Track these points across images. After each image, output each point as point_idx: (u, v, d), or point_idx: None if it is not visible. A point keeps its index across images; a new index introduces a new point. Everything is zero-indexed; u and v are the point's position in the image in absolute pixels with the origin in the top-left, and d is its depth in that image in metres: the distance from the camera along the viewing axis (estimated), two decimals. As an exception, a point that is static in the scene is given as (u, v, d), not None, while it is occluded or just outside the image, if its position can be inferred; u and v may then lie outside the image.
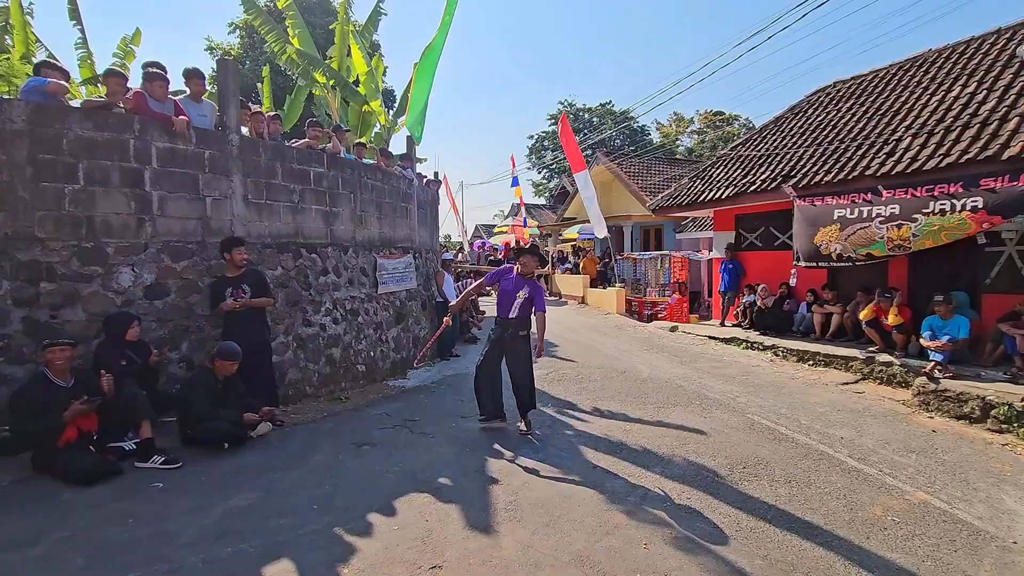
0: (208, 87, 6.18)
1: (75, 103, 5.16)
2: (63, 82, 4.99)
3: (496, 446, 4.73)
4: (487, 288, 5.46)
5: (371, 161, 8.32)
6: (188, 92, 5.66)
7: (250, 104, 7.01)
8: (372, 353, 7.12)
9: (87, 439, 4.07)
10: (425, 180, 10.20)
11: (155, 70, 5.28)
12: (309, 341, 6.19)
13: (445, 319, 5.50)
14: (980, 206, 5.65)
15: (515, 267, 5.07)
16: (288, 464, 4.24)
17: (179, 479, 3.92)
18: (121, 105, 5.08)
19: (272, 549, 3.00)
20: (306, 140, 6.84)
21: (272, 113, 6.95)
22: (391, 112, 12.77)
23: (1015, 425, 5.14)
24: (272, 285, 5.88)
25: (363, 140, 10.86)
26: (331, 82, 10.55)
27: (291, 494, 3.70)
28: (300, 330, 6.11)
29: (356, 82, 11.06)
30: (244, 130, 6.04)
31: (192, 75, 5.61)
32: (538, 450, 4.66)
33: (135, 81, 5.96)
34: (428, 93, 8.46)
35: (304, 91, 11.69)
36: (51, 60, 5.08)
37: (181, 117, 5.24)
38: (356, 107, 11.35)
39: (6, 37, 8.77)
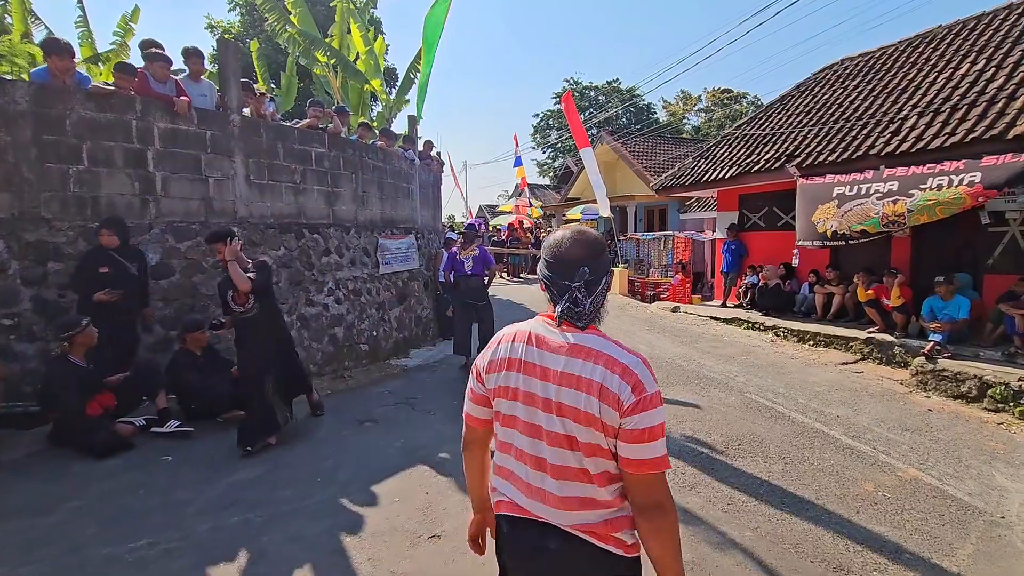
0: (209, 67, 6.16)
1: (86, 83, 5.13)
2: (69, 62, 4.97)
3: (496, 423, 4.82)
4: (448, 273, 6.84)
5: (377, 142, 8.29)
6: (187, 72, 5.65)
7: (254, 87, 6.99)
8: (375, 333, 7.21)
9: (108, 415, 4.20)
10: (426, 152, 10.10)
11: (156, 51, 5.27)
12: (312, 321, 6.28)
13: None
14: (977, 180, 5.59)
15: (457, 249, 6.77)
16: (293, 439, 4.35)
17: (186, 453, 4.04)
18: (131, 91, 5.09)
19: (277, 518, 3.12)
20: (308, 120, 6.83)
21: (262, 93, 6.82)
22: (393, 91, 12.67)
23: (1011, 404, 5.18)
24: (275, 265, 5.95)
25: (363, 120, 10.83)
26: (332, 61, 10.46)
27: (296, 467, 3.82)
28: (303, 310, 6.19)
29: (356, 60, 10.97)
30: (246, 111, 6.04)
31: (191, 54, 5.59)
32: (537, 427, 4.75)
33: (135, 61, 5.95)
34: (429, 70, 8.39)
35: (293, 68, 11.57)
36: (54, 39, 5.04)
37: (183, 98, 5.25)
38: (356, 86, 11.26)
39: (6, 16, 8.73)
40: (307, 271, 6.31)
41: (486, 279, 6.60)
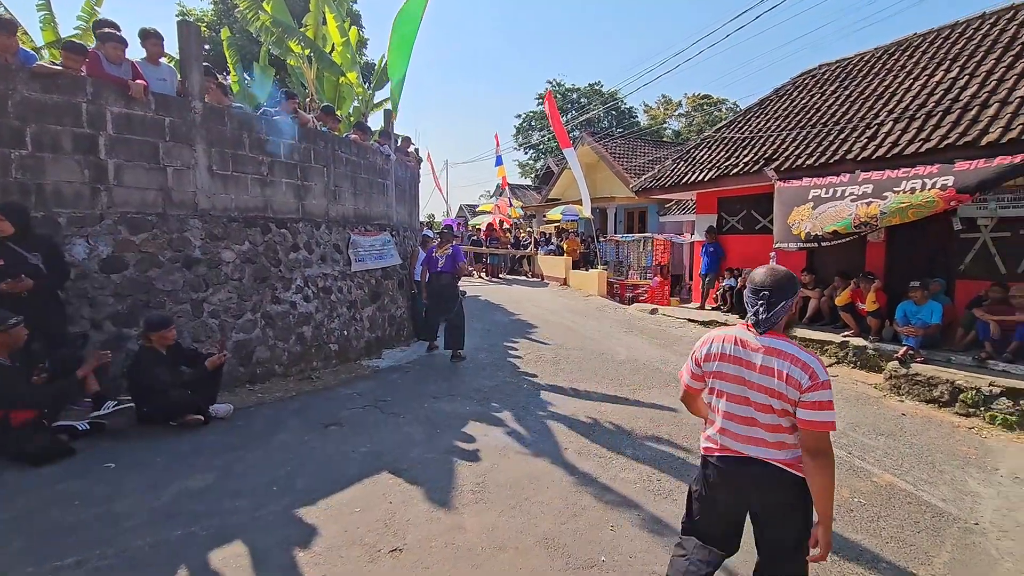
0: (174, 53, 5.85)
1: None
2: (11, 39, 4.63)
3: (467, 427, 4.65)
4: (425, 269, 7.28)
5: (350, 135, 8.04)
6: (145, 54, 5.35)
7: (216, 74, 6.69)
8: (345, 332, 6.96)
9: (41, 418, 3.88)
10: (403, 148, 9.85)
11: (109, 30, 4.96)
12: (278, 319, 6.01)
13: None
14: (950, 184, 5.62)
15: (435, 247, 7.31)
16: (250, 444, 4.11)
17: (132, 459, 3.77)
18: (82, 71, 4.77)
19: (225, 531, 2.89)
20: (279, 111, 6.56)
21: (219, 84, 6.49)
22: (369, 85, 12.39)
23: (981, 409, 5.21)
24: (239, 260, 5.68)
25: (338, 111, 10.54)
26: (306, 52, 10.15)
27: (250, 475, 3.58)
28: (268, 307, 5.92)
29: (332, 52, 10.67)
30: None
31: (150, 35, 5.29)
32: (510, 431, 4.60)
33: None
34: (406, 65, 8.19)
35: (267, 58, 11.25)
36: None
37: (138, 81, 4.95)
38: (332, 79, 10.96)
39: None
40: (274, 267, 6.04)
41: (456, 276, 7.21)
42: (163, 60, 5.55)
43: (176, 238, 5.22)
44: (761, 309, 1.90)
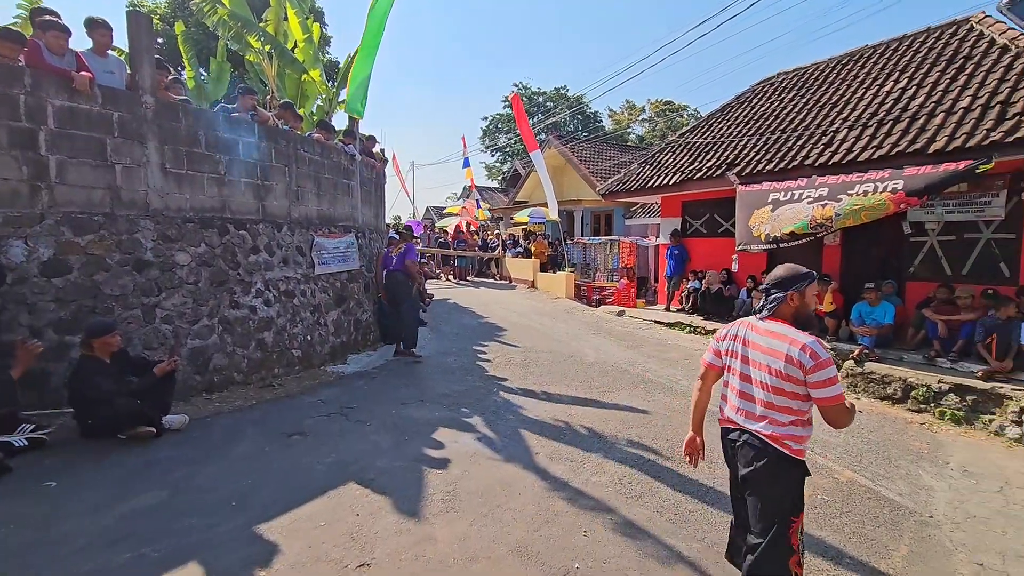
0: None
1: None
2: None
3: (436, 434, 4.55)
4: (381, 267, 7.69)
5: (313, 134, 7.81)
6: (92, 45, 5.04)
7: (170, 68, 6.39)
8: (309, 337, 6.74)
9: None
10: (368, 148, 9.63)
11: (50, 18, 4.65)
12: (237, 324, 5.76)
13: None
14: (900, 188, 5.88)
15: (391, 248, 7.68)
16: (206, 457, 3.90)
17: (76, 476, 3.52)
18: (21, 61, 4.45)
19: (179, 553, 2.71)
20: (238, 108, 6.30)
21: (175, 78, 6.21)
22: (333, 84, 12.10)
23: (932, 405, 5.45)
24: (195, 263, 5.42)
25: (300, 111, 10.27)
26: (267, 48, 9.82)
27: (207, 490, 3.39)
28: (227, 312, 5.67)
29: (294, 49, 10.37)
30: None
31: (96, 25, 4.98)
32: (480, 436, 4.53)
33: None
34: (371, 66, 8.06)
35: (224, 53, 10.89)
36: None
37: (83, 73, 4.66)
38: (294, 76, 10.65)
39: None
40: (232, 270, 5.79)
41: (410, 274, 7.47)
42: (111, 52, 5.24)
43: (126, 240, 4.93)
44: (763, 300, 2.33)
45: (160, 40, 17.17)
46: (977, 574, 2.90)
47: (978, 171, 5.46)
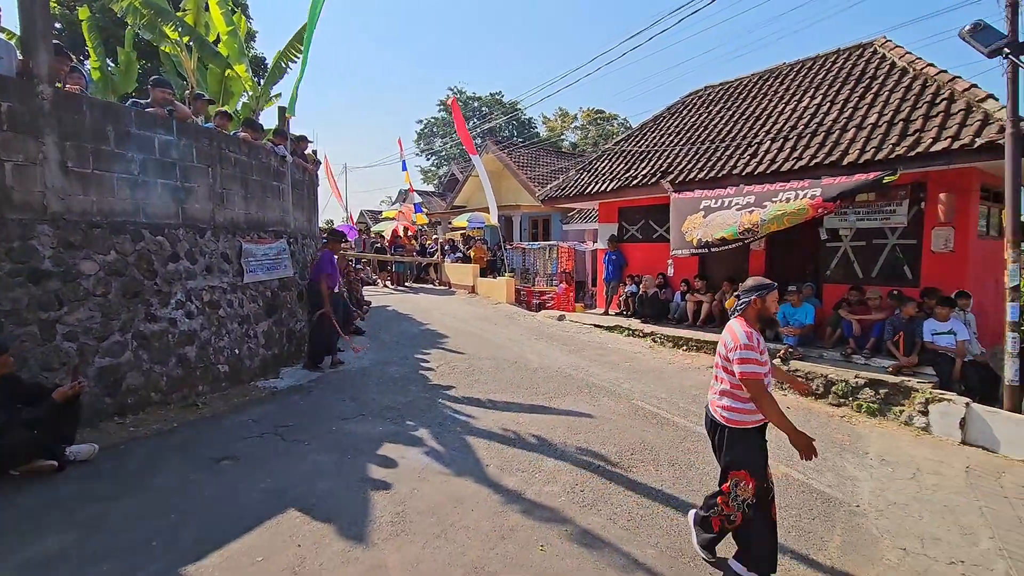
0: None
1: None
2: None
3: (381, 450, 4.35)
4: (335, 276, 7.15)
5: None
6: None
7: (70, 55, 5.75)
8: (237, 351, 6.27)
9: None
10: (300, 149, 9.15)
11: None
12: (155, 339, 5.25)
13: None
14: (817, 195, 6.37)
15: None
16: (121, 491, 3.49)
17: (-41, 523, 3.04)
18: None
19: (90, 606, 2.39)
20: (151, 102, 5.77)
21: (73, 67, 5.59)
22: (260, 81, 11.42)
23: (850, 399, 5.88)
24: (104, 272, 4.89)
25: (227, 108, 9.63)
26: (185, 39, 9.10)
27: (123, 530, 3.03)
28: (142, 326, 5.15)
29: (217, 42, 9.67)
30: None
31: (-20, 4, 4.38)
32: (428, 451, 4.37)
33: None
34: (304, 64, 7.70)
35: (132, 41, 10.01)
36: None
37: (-37, 57, 4.08)
38: (216, 70, 9.93)
39: None
40: (148, 280, 5.27)
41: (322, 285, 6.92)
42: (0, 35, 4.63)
43: (17, 247, 4.36)
44: (736, 305, 2.86)
45: (58, 25, 15.54)
46: (901, 559, 3.12)
47: (884, 181, 5.98)
